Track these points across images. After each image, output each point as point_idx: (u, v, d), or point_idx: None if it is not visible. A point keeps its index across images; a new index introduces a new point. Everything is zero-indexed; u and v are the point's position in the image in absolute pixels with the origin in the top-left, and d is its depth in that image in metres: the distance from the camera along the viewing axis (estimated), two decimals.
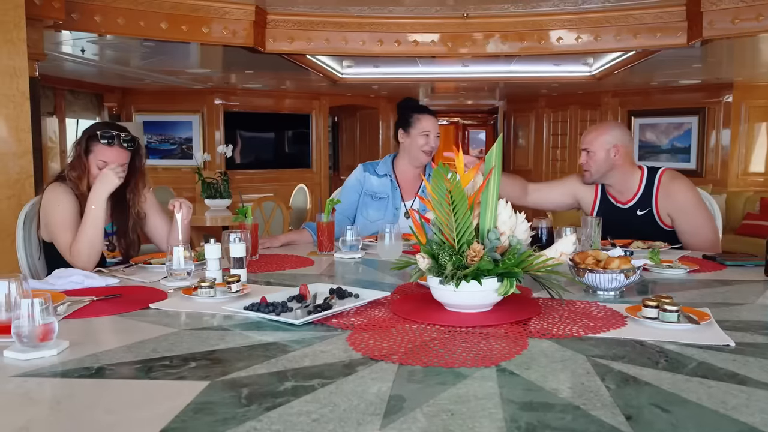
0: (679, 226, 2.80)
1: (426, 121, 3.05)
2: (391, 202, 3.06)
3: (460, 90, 10.36)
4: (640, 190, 2.86)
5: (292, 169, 10.16)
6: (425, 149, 3.04)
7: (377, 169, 3.13)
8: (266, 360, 1.29)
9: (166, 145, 9.35)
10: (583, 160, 2.89)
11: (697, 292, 1.90)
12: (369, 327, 1.51)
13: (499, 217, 1.59)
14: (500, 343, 1.38)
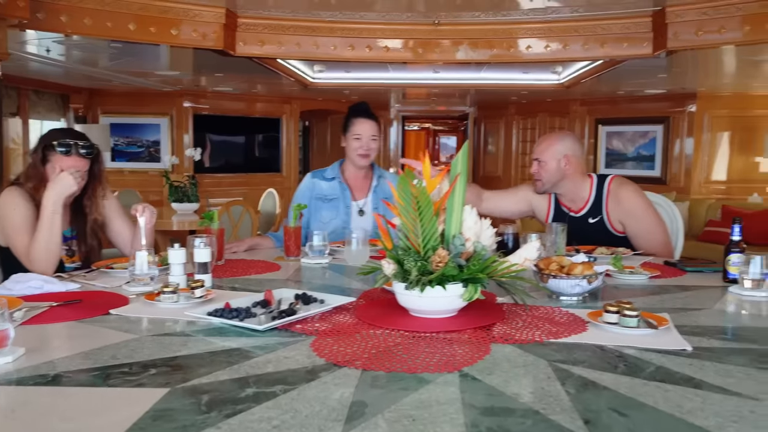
0: (630, 230, 2.84)
1: (359, 124, 3.09)
2: (342, 202, 3.11)
3: (432, 96, 10.40)
4: (590, 198, 2.90)
5: (261, 173, 10.09)
6: (359, 152, 3.09)
7: (325, 174, 3.20)
8: (228, 366, 1.28)
9: (133, 147, 9.22)
10: (535, 169, 2.92)
11: (657, 298, 1.93)
12: (333, 333, 1.51)
13: (465, 223, 1.60)
14: (463, 348, 1.39)
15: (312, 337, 1.48)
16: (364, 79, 8.39)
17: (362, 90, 9.11)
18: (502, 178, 10.86)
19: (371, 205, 3.14)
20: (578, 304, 1.84)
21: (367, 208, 3.15)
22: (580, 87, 8.02)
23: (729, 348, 1.42)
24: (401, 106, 11.77)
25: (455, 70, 7.98)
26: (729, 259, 2.14)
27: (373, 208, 3.14)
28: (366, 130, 3.10)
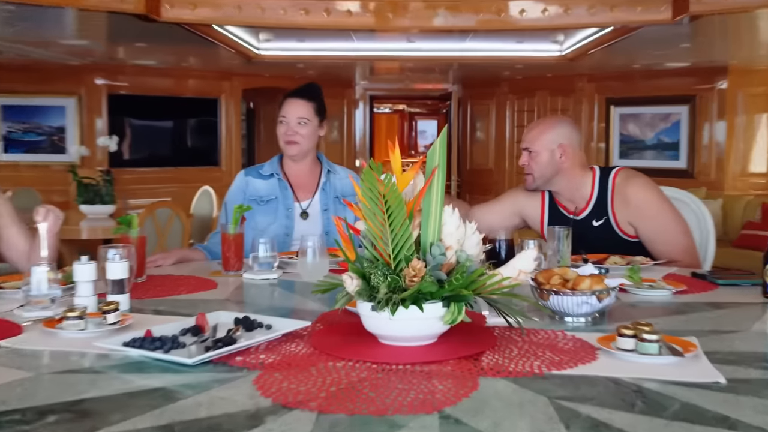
0: (643, 233, 2.88)
1: (285, 106, 3.16)
2: (281, 203, 3.13)
3: (406, 71, 10.43)
4: (593, 196, 2.94)
5: (195, 167, 10.02)
6: (285, 140, 3.14)
7: (261, 170, 3.23)
8: (149, 411, 1.26)
9: (31, 135, 9.08)
10: (524, 161, 2.96)
11: (683, 318, 1.95)
12: (283, 366, 1.50)
13: (445, 227, 1.59)
14: (445, 383, 1.39)
15: (256, 371, 1.46)
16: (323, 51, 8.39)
17: (320, 64, 9.11)
18: (494, 171, 10.94)
19: (320, 206, 3.17)
20: (586, 326, 1.85)
21: (314, 210, 3.17)
22: (587, 60, 8.12)
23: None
24: (368, 83, 11.79)
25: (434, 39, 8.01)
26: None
27: (321, 210, 3.15)
28: (292, 111, 3.14)
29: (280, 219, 3.10)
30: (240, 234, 2.63)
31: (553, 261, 2.43)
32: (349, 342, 1.64)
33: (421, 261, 1.54)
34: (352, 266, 1.61)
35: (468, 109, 11.51)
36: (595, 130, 9.82)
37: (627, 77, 9.39)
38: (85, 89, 9.11)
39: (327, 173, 3.25)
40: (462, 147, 11.57)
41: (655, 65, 8.76)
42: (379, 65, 9.96)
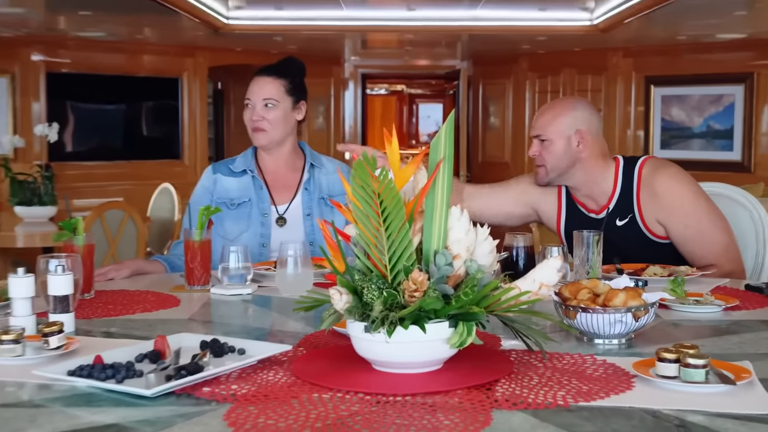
0: (674, 232, 2.91)
1: (252, 84, 3.17)
2: (256, 207, 3.12)
3: (405, 45, 10.44)
4: (616, 191, 2.98)
5: (152, 160, 10.01)
6: (251, 126, 3.14)
7: (233, 165, 3.21)
8: None
9: None
10: (535, 151, 2.97)
11: (735, 339, 1.96)
12: (259, 398, 1.51)
13: (452, 232, 1.61)
14: (452, 418, 1.40)
15: (227, 405, 1.47)
16: (305, 20, 8.39)
17: (302, 36, 9.10)
18: (511, 165, 10.95)
19: (301, 210, 3.15)
20: (620, 349, 1.86)
21: (293, 214, 3.14)
22: (623, 30, 8.13)
23: None
24: (361, 59, 11.80)
25: (439, 5, 8.03)
26: None
27: (304, 214, 3.14)
28: (257, 91, 3.14)
29: (254, 226, 3.09)
30: (207, 241, 2.63)
31: (581, 272, 2.45)
32: (337, 369, 1.64)
33: (424, 272, 1.55)
34: (340, 279, 1.62)
35: (480, 91, 11.52)
36: (632, 115, 9.83)
37: (670, 52, 9.40)
38: (19, 67, 9.09)
39: (310, 168, 3.23)
40: (472, 136, 11.58)
41: (704, 37, 8.78)
42: (373, 37, 9.95)
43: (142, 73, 9.95)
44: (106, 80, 9.68)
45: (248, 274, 2.56)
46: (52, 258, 2.06)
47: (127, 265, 2.92)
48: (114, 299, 2.44)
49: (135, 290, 2.59)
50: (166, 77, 10.11)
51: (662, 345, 1.67)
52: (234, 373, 1.65)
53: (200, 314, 2.31)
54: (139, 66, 9.89)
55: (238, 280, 2.54)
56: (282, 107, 3.14)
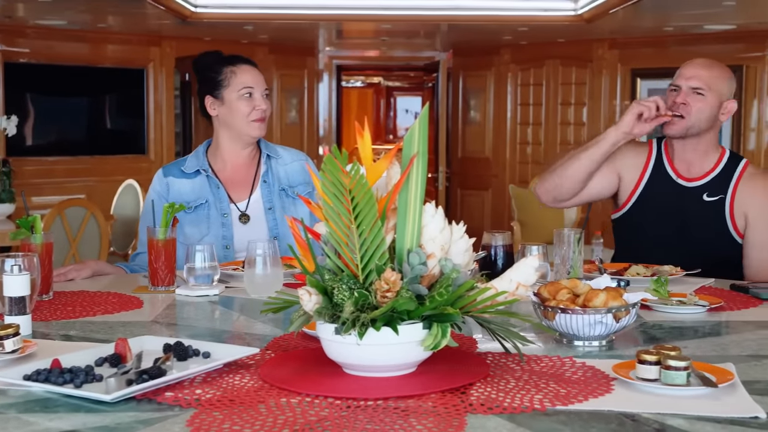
0: (755, 233, 2.99)
1: (245, 72, 3.12)
2: (214, 208, 3.10)
3: (382, 35, 10.43)
4: (715, 170, 3.06)
5: (116, 155, 9.95)
6: (254, 117, 3.09)
7: (184, 167, 3.17)
8: None
9: None
10: (685, 99, 2.99)
11: (718, 341, 1.99)
12: (224, 403, 1.51)
13: (426, 230, 1.62)
14: (425, 422, 1.41)
15: (190, 410, 1.48)
16: (277, 9, 8.37)
17: (273, 25, 9.08)
18: (492, 161, 10.97)
19: (262, 205, 3.15)
20: (600, 352, 1.88)
21: (255, 210, 3.15)
22: (609, 20, 8.16)
23: None
24: (335, 50, 11.77)
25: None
26: None
27: (265, 209, 3.14)
28: (257, 78, 3.13)
29: (214, 228, 3.07)
30: (171, 240, 2.62)
31: (562, 271, 2.47)
32: (306, 373, 1.65)
33: (396, 272, 1.56)
34: (310, 279, 1.63)
35: (460, 83, 11.53)
36: (617, 109, 9.87)
37: (657, 43, 9.46)
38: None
39: (267, 159, 3.21)
40: (452, 130, 11.59)
41: (692, 28, 8.83)
42: (349, 27, 9.94)
43: (106, 64, 9.88)
44: (68, 71, 9.61)
45: (215, 275, 2.55)
46: (7, 257, 2.05)
47: (88, 264, 2.91)
48: (73, 301, 2.44)
49: (96, 291, 2.59)
50: (131, 68, 10.05)
51: (643, 347, 1.69)
52: (198, 378, 1.65)
53: (164, 316, 2.31)
54: (102, 56, 9.82)
55: (204, 280, 2.54)
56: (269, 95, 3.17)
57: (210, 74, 3.14)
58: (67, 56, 9.54)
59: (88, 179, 9.49)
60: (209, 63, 3.17)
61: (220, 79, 3.10)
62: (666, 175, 3.11)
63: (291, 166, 3.22)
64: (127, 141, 10.17)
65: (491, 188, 10.97)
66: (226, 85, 3.09)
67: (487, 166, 11.03)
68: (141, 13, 8.08)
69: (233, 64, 3.12)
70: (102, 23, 9.11)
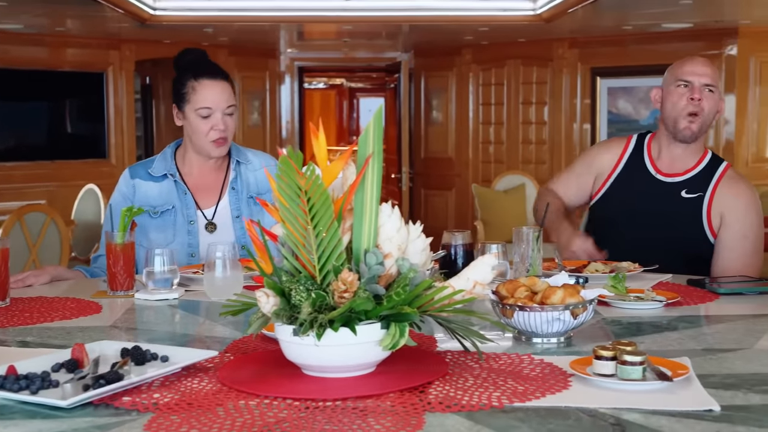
0: (728, 234, 3.02)
1: (206, 89, 3.00)
2: (180, 214, 3.05)
3: (344, 36, 10.43)
4: (698, 167, 3.11)
5: (76, 160, 9.89)
6: (212, 138, 3.00)
7: (152, 169, 3.11)
8: None
9: None
10: (700, 94, 3.04)
11: (674, 336, 2.01)
12: (182, 407, 1.51)
13: (382, 230, 1.62)
14: (384, 422, 1.41)
15: (148, 414, 1.47)
16: (237, 11, 8.34)
17: (234, 27, 9.05)
18: (455, 161, 11.01)
19: (230, 212, 3.11)
20: (558, 348, 1.89)
21: (222, 218, 3.10)
22: (568, 20, 8.22)
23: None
24: (297, 52, 11.76)
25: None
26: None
27: (233, 217, 3.10)
28: (219, 97, 3.00)
29: (180, 236, 3.04)
30: (130, 244, 2.60)
31: (521, 269, 2.48)
32: (265, 375, 1.65)
33: (354, 272, 1.56)
34: (267, 281, 1.63)
35: (422, 84, 11.56)
36: (578, 108, 9.95)
37: (616, 42, 9.54)
38: None
39: (237, 166, 3.16)
40: (415, 131, 11.61)
41: (651, 27, 8.92)
42: (310, 29, 9.93)
43: (65, 68, 9.81)
44: (25, 75, 9.53)
45: (175, 278, 2.54)
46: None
47: (47, 270, 2.88)
48: (31, 307, 2.42)
49: (54, 297, 2.57)
50: (91, 72, 9.99)
51: (601, 343, 1.71)
52: (156, 382, 1.64)
53: (123, 321, 2.29)
54: (61, 60, 9.75)
55: (163, 284, 2.52)
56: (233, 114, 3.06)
57: (176, 84, 3.06)
58: (25, 60, 9.46)
59: (49, 184, 9.41)
60: (179, 70, 3.08)
61: (183, 92, 3.03)
62: (643, 169, 3.17)
63: (261, 171, 3.16)
64: (88, 145, 10.11)
65: (454, 188, 11.02)
66: (187, 100, 3.01)
67: (450, 166, 11.07)
68: (100, 17, 8.03)
69: (196, 78, 3.00)
70: (60, 27, 9.05)
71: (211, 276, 2.43)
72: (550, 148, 10.12)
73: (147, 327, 2.28)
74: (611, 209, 3.19)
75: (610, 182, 3.21)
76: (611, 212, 3.19)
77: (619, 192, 3.18)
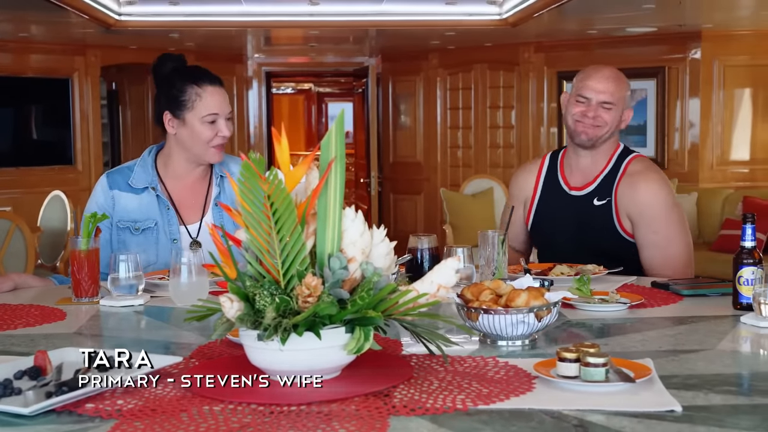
0: (641, 235, 3.02)
1: (211, 96, 2.93)
2: (163, 231, 2.97)
3: (311, 41, 10.44)
4: (603, 172, 3.12)
5: (42, 166, 9.83)
6: (215, 144, 2.94)
7: (132, 181, 3.00)
8: None
9: None
10: (595, 112, 3.04)
11: (637, 337, 2.03)
12: (146, 413, 1.50)
13: (346, 234, 1.62)
14: (348, 426, 1.42)
15: (111, 421, 1.46)
16: (203, 16, 8.33)
17: (200, 33, 9.04)
18: (423, 165, 11.04)
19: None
20: (523, 351, 1.91)
21: (208, 235, 2.94)
22: (533, 24, 8.27)
23: (734, 405, 1.52)
24: (264, 57, 11.75)
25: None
26: (740, 275, 2.27)
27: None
28: (222, 103, 2.95)
29: (163, 255, 2.93)
30: (94, 250, 2.58)
31: (487, 273, 2.49)
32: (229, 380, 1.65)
33: (318, 277, 1.57)
34: (231, 286, 1.62)
35: (390, 88, 11.58)
36: (545, 112, 10.01)
37: (582, 46, 9.61)
38: None
39: (220, 181, 3.07)
40: (383, 135, 11.63)
41: (615, 31, 8.99)
42: (277, 34, 9.93)
43: (30, 74, 9.76)
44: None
45: (140, 284, 2.53)
46: None
47: (10, 277, 2.85)
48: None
49: (17, 304, 2.54)
50: (56, 77, 9.93)
51: (563, 345, 1.72)
52: (120, 388, 1.63)
53: (88, 327, 2.28)
54: (25, 66, 9.69)
55: (128, 290, 2.51)
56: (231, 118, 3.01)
57: (173, 91, 2.93)
58: None
59: (14, 191, 9.34)
60: (172, 78, 2.95)
61: (183, 100, 2.92)
62: (557, 187, 3.20)
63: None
64: (54, 152, 10.05)
65: (423, 192, 11.04)
66: (189, 107, 2.91)
67: (419, 170, 11.09)
68: (64, 22, 7.99)
69: (199, 85, 2.92)
70: (24, 32, 9.00)
71: (177, 281, 2.42)
72: (518, 151, 10.17)
73: (112, 333, 2.28)
74: (543, 230, 3.24)
75: (534, 207, 3.25)
76: (544, 233, 3.25)
77: (543, 213, 3.23)
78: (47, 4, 6.63)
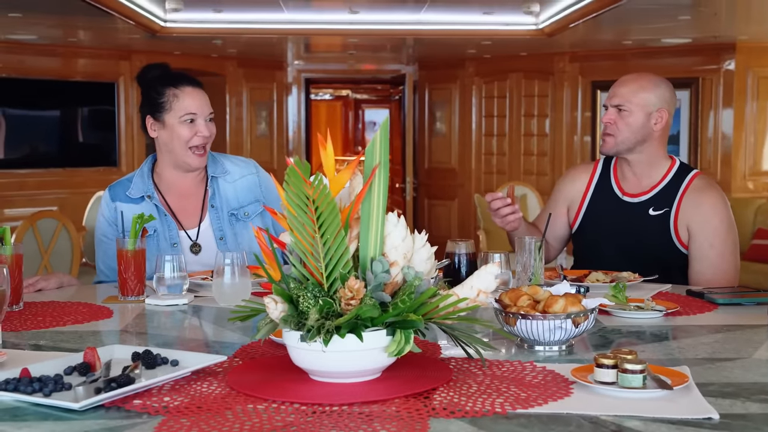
0: (697, 246, 3.00)
1: (189, 96, 2.94)
2: (162, 238, 2.96)
3: (349, 49, 10.46)
4: (663, 181, 3.08)
5: (88, 168, 9.91)
6: (195, 144, 2.93)
7: (130, 191, 2.99)
8: None
9: None
10: (610, 118, 3.03)
11: (674, 345, 2.01)
12: (192, 410, 1.51)
13: (388, 239, 1.62)
14: (389, 427, 1.41)
15: (158, 417, 1.47)
16: (245, 23, 8.37)
17: (243, 40, 9.09)
18: (458, 171, 11.02)
19: (213, 233, 3.00)
20: (560, 356, 1.89)
21: (206, 239, 2.99)
22: (569, 35, 8.24)
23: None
24: (304, 63, 11.79)
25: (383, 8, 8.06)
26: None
27: (216, 239, 2.99)
28: (201, 103, 2.94)
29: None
30: (141, 250, 2.60)
31: (523, 278, 2.48)
32: (273, 379, 1.65)
33: (360, 280, 1.57)
34: (276, 288, 1.63)
35: (426, 96, 11.58)
36: (578, 121, 9.97)
37: (617, 56, 9.56)
38: None
39: (212, 181, 3.05)
40: (419, 141, 11.64)
41: (650, 42, 8.94)
42: (317, 41, 9.96)
43: (77, 78, 9.85)
44: (39, 85, 9.56)
45: (184, 284, 2.55)
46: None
47: (57, 276, 2.87)
48: (44, 311, 2.42)
49: (66, 301, 2.57)
50: (102, 81, 10.02)
51: (601, 351, 1.71)
52: (167, 385, 1.64)
53: (134, 325, 2.30)
54: (73, 70, 9.79)
55: (173, 290, 2.53)
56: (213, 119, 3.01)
57: (152, 94, 2.97)
58: (39, 70, 9.50)
59: (60, 191, 9.44)
60: (152, 82, 2.99)
61: (161, 102, 2.94)
62: (610, 193, 3.16)
63: (240, 182, 3.06)
64: (99, 154, 10.13)
65: (457, 198, 11.03)
66: (168, 108, 2.93)
67: (453, 176, 11.08)
68: (111, 28, 8.06)
69: (176, 86, 2.94)
70: (72, 38, 9.09)
71: (220, 282, 2.43)
72: (551, 159, 10.14)
73: (157, 331, 2.29)
74: (588, 235, 3.20)
75: (583, 211, 3.21)
76: (589, 238, 3.21)
77: (592, 218, 3.18)
78: (95, 10, 6.70)
